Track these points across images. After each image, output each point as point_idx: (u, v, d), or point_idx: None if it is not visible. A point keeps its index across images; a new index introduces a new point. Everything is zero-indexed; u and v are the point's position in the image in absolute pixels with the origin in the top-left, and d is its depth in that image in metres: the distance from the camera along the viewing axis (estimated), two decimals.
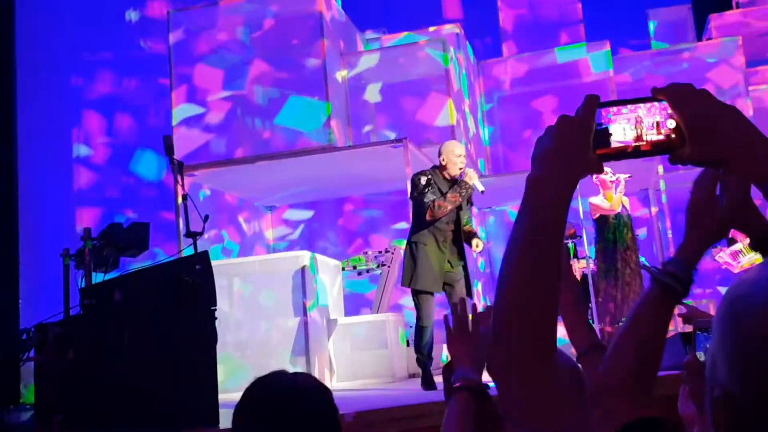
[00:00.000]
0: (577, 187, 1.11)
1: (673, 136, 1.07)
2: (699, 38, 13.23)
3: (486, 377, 1.86)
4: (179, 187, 5.65)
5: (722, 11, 12.93)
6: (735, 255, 7.45)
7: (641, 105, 1.10)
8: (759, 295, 0.77)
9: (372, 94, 10.41)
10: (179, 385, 4.47)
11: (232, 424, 1.74)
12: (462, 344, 2.01)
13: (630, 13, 13.90)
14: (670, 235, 10.47)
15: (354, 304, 10.27)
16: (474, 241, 6.41)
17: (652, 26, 13.70)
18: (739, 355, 0.78)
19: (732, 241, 7.32)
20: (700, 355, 1.17)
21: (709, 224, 1.25)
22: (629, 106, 1.10)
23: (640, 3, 13.86)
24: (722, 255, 7.37)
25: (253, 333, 7.79)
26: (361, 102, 10.34)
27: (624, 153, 1.10)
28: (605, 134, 1.10)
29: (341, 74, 10.11)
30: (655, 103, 1.09)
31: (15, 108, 9.25)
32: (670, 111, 1.08)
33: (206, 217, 5.39)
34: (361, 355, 8.12)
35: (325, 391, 1.77)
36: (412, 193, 6.35)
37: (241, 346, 7.69)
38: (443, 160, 6.29)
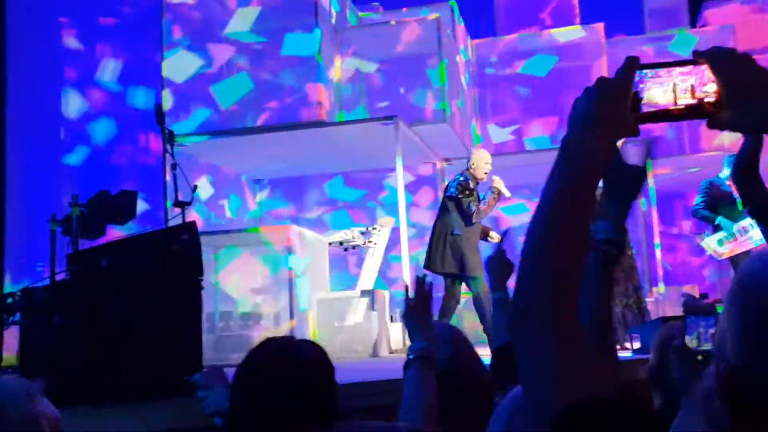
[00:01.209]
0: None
1: (713, 100, 1.05)
2: (693, 25, 13.22)
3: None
4: (168, 157, 5.63)
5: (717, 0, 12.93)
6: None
7: (682, 68, 1.09)
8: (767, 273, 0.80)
9: (364, 70, 10.38)
10: (163, 353, 4.49)
11: (235, 380, 1.77)
12: (421, 318, 2.09)
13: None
14: (655, 223, 10.56)
15: (340, 279, 10.29)
16: (491, 234, 7.57)
17: (646, 12, 13.68)
18: (745, 332, 0.80)
19: (717, 228, 7.35)
20: (689, 340, 1.19)
21: (624, 185, 1.28)
22: (670, 69, 1.09)
23: None
24: (708, 241, 7.40)
25: (237, 304, 7.81)
26: (352, 78, 10.31)
27: (662, 116, 1.09)
28: (643, 96, 1.09)
29: (337, 69, 10.02)
30: (697, 67, 1.07)
31: (5, 69, 9.17)
32: (710, 75, 1.06)
33: (195, 187, 5.38)
34: (344, 329, 8.16)
35: (325, 359, 1.81)
36: (454, 193, 7.05)
37: (225, 318, 7.72)
38: (473, 164, 7.09)
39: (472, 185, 6.99)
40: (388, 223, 9.60)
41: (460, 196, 7.00)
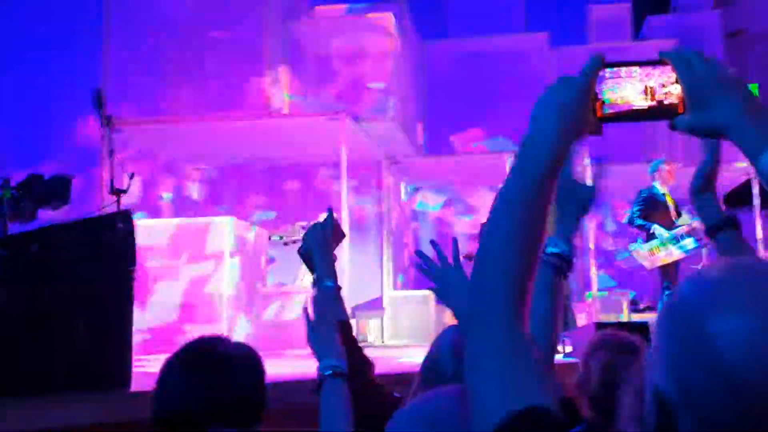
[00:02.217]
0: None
1: (676, 101, 1.05)
2: (636, 38, 13.48)
3: None
4: (105, 143, 5.50)
5: (660, 13, 13.19)
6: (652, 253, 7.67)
7: (647, 68, 1.08)
8: (692, 301, 0.80)
9: (314, 64, 10.33)
10: (92, 344, 4.38)
11: (158, 381, 1.73)
12: (325, 332, 2.04)
13: (571, 8, 14.08)
14: (591, 231, 10.74)
15: (281, 273, 10.22)
16: None
17: (591, 23, 13.89)
18: (668, 358, 0.80)
19: (651, 236, 7.50)
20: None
21: (575, 202, 1.30)
22: (635, 68, 1.08)
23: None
24: (638, 249, 7.55)
25: (172, 296, 7.68)
26: (301, 72, 10.24)
27: (625, 116, 1.08)
28: (607, 96, 1.08)
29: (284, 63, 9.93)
30: (662, 67, 1.07)
31: None
32: (671, 76, 1.05)
33: (132, 175, 5.26)
34: (283, 325, 8.10)
35: (257, 360, 1.78)
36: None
37: (157, 309, 7.58)
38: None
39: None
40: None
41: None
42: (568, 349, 5.94)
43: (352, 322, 7.40)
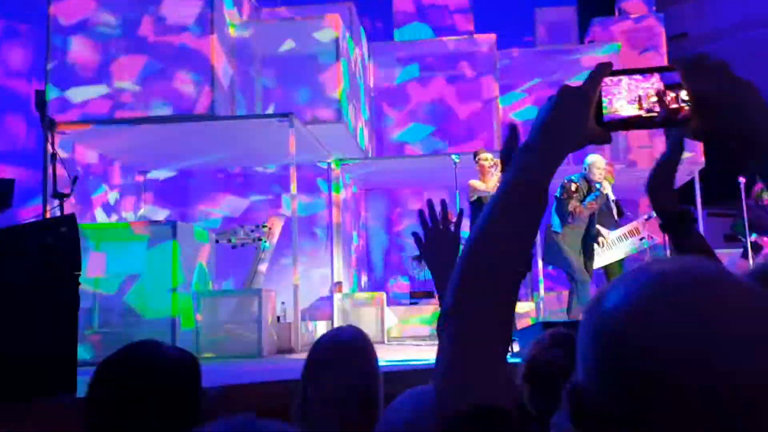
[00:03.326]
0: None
1: (685, 108, 1.04)
2: (581, 41, 13.69)
3: None
4: (48, 146, 5.39)
5: (606, 16, 13.42)
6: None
7: (655, 74, 1.08)
8: (615, 296, 0.81)
9: (261, 66, 10.27)
10: (37, 350, 4.29)
11: (89, 390, 1.70)
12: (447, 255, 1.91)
13: (518, 10, 14.23)
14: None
15: (227, 276, 10.14)
16: None
17: (538, 25, 14.07)
18: (588, 353, 0.82)
19: (598, 234, 7.65)
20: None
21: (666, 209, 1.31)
22: (642, 75, 1.08)
23: (529, 1, 14.21)
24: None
25: (117, 301, 7.56)
26: (248, 75, 10.17)
27: (632, 123, 1.08)
28: (618, 102, 1.07)
29: (230, 64, 9.86)
30: (653, 75, 1.07)
31: None
32: (683, 81, 1.04)
33: (75, 179, 5.17)
34: (229, 328, 8.04)
35: (193, 365, 1.75)
36: (557, 194, 7.60)
37: (103, 314, 7.46)
38: (588, 168, 7.53)
39: (574, 188, 7.45)
40: (278, 222, 9.53)
41: (562, 197, 7.53)
42: (516, 348, 6.00)
43: (302, 324, 7.39)
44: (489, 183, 7.40)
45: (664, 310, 0.76)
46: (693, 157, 11.39)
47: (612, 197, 7.83)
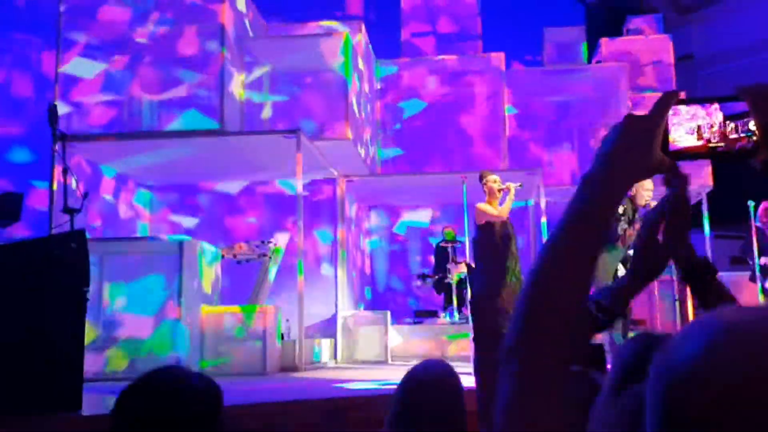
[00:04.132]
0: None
1: (753, 138, 1.01)
2: (589, 61, 13.71)
3: None
4: (59, 160, 5.36)
5: (613, 36, 13.45)
6: None
7: (714, 104, 1.05)
8: (687, 345, 0.79)
9: (269, 83, 10.27)
10: (43, 366, 4.25)
11: (113, 415, 1.67)
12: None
13: (527, 30, 14.27)
14: None
15: (232, 292, 10.09)
16: None
17: (546, 45, 14.10)
18: (656, 397, 0.79)
19: None
20: None
21: (652, 266, 1.25)
22: (701, 105, 1.06)
23: (538, 21, 14.25)
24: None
25: (123, 317, 7.51)
26: (257, 90, 10.18)
27: (699, 153, 1.05)
28: (676, 132, 1.05)
29: (239, 80, 9.85)
30: (738, 103, 1.03)
31: None
32: (750, 111, 1.02)
33: (86, 194, 5.14)
34: (233, 346, 7.98)
35: (216, 394, 1.73)
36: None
37: (109, 330, 7.41)
38: (634, 190, 7.28)
39: (621, 210, 7.24)
40: (283, 239, 9.49)
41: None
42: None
43: (306, 342, 7.34)
44: (501, 208, 7.27)
45: (744, 361, 0.73)
46: (701, 179, 11.38)
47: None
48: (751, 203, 9.15)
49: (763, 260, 9.34)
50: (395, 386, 2.13)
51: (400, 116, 12.48)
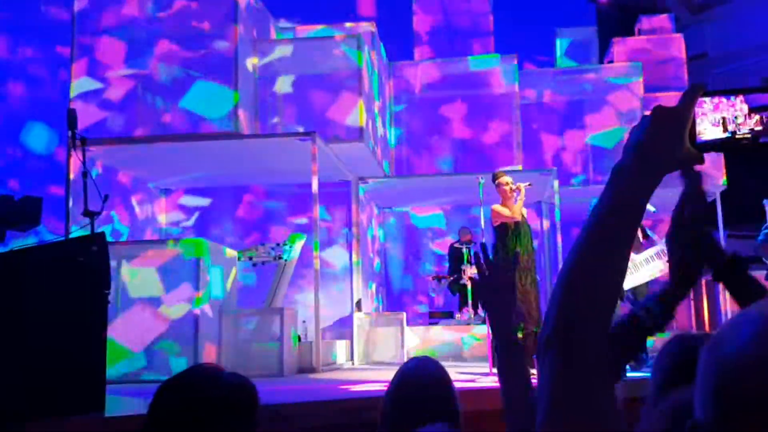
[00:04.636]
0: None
1: None
2: (601, 60, 13.70)
3: None
4: (77, 163, 5.41)
5: (625, 36, 13.43)
6: None
7: (739, 96, 1.07)
8: (735, 338, 0.81)
9: (282, 85, 10.30)
10: (65, 368, 4.29)
11: (150, 411, 1.70)
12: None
13: (539, 30, 14.27)
14: (560, 249, 10.82)
15: (247, 295, 10.13)
16: None
17: (558, 45, 14.09)
18: (708, 394, 0.81)
19: None
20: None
21: (693, 274, 1.25)
22: (726, 98, 1.07)
23: (550, 21, 14.25)
24: None
25: (141, 320, 7.55)
26: (270, 92, 10.21)
27: (725, 145, 1.07)
28: (701, 124, 1.06)
29: (252, 62, 9.96)
30: (763, 95, 1.05)
31: None
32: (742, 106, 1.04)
33: (106, 197, 5.18)
34: (251, 348, 8.01)
35: (251, 392, 1.75)
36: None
37: (127, 332, 7.45)
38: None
39: None
40: (299, 241, 9.51)
41: None
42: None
43: (322, 343, 7.34)
44: (513, 208, 7.29)
45: None
46: (715, 179, 11.34)
47: None
48: (765, 202, 9.12)
49: None
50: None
51: (413, 116, 12.50)
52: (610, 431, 0.90)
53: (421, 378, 2.11)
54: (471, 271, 10.34)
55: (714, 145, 1.07)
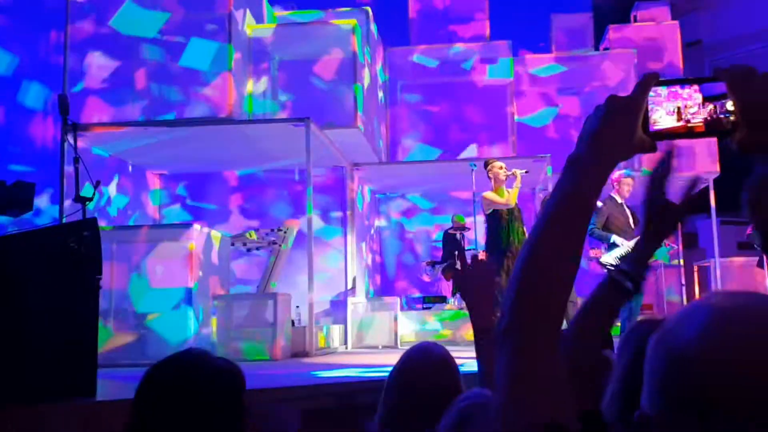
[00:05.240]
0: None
1: (731, 118, 1.04)
2: (596, 47, 13.67)
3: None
4: (69, 149, 5.41)
5: (621, 23, 13.40)
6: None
7: (693, 85, 1.08)
8: (683, 331, 0.83)
9: (278, 68, 10.29)
10: (57, 353, 4.31)
11: (137, 393, 1.72)
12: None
13: (534, 16, 14.23)
14: None
15: (243, 279, 10.16)
16: None
17: (553, 31, 14.06)
18: (656, 385, 0.83)
19: (613, 246, 7.58)
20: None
21: (663, 223, 1.26)
22: (681, 86, 1.08)
23: (545, 7, 14.21)
24: (606, 258, 7.62)
25: (135, 304, 7.58)
26: (266, 74, 10.20)
27: (678, 133, 1.08)
28: (656, 113, 1.07)
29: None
30: (716, 84, 1.06)
31: None
32: (697, 96, 1.06)
33: (98, 183, 5.19)
34: (244, 332, 8.04)
35: (239, 375, 1.78)
36: None
37: (121, 317, 7.48)
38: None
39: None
40: (293, 226, 9.53)
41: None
42: None
43: (316, 328, 7.35)
44: (508, 194, 7.29)
45: (736, 346, 0.78)
46: (707, 165, 11.37)
47: (627, 206, 7.79)
48: None
49: None
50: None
51: (409, 102, 12.50)
52: (564, 417, 0.92)
53: (426, 364, 2.10)
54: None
55: (667, 134, 1.09)
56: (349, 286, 10.59)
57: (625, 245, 7.72)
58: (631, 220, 7.91)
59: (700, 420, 0.78)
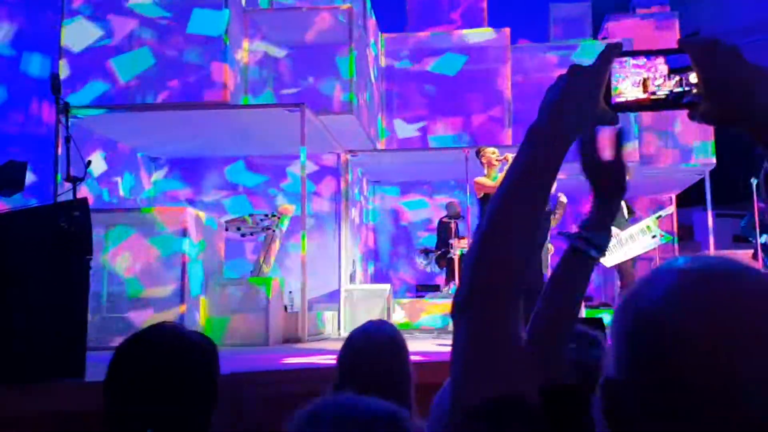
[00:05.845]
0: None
1: (694, 90, 1.03)
2: (595, 37, 13.65)
3: None
4: (63, 129, 5.38)
5: (620, 13, 13.38)
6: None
7: (659, 57, 1.07)
8: (649, 293, 0.81)
9: (273, 55, 10.25)
10: (46, 333, 4.29)
11: (109, 369, 1.70)
12: None
13: (533, 5, 14.20)
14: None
15: (236, 265, 10.14)
16: None
17: (552, 20, 14.02)
18: (623, 349, 0.82)
19: None
20: None
21: (608, 182, 1.24)
22: (647, 58, 1.07)
23: None
24: None
25: (126, 286, 7.57)
26: (262, 62, 10.16)
27: (641, 105, 1.07)
28: (622, 84, 1.06)
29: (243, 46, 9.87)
30: (679, 56, 1.05)
31: None
32: (664, 68, 1.05)
33: (89, 162, 5.15)
34: (237, 316, 8.04)
35: (211, 349, 1.76)
36: None
37: (112, 299, 7.47)
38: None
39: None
40: (287, 212, 9.52)
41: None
42: None
43: (309, 314, 7.34)
44: (499, 178, 7.30)
45: (701, 307, 0.78)
46: (704, 158, 11.37)
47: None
48: (753, 181, 9.15)
49: (765, 238, 9.35)
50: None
51: (405, 88, 12.46)
52: (523, 390, 0.90)
53: (370, 344, 2.08)
54: (459, 245, 10.37)
55: (630, 106, 1.07)
56: (349, 271, 10.60)
57: (619, 235, 7.74)
58: (625, 211, 7.93)
59: (664, 385, 0.77)
